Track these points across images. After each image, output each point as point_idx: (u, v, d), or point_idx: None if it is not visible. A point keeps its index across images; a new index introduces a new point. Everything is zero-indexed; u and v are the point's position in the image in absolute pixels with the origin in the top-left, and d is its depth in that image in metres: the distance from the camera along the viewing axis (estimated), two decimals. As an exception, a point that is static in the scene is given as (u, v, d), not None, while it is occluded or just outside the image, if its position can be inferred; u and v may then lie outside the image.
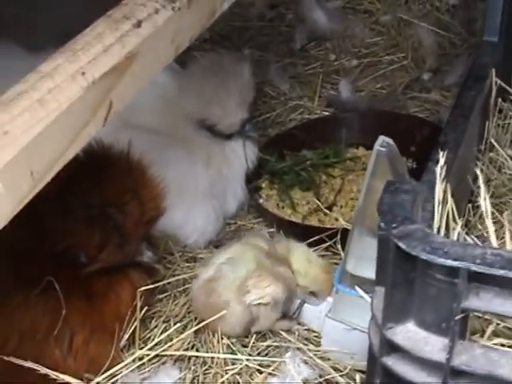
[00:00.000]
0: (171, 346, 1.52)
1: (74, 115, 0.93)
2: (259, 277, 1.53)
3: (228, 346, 1.54)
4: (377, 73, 2.42)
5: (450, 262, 0.92)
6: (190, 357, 1.52)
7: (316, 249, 1.70)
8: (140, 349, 1.50)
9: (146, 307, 1.52)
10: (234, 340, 1.55)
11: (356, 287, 1.33)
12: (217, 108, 1.86)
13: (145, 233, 1.48)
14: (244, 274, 1.54)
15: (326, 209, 1.91)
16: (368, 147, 2.01)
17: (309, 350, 1.51)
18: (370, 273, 1.06)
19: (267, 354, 1.53)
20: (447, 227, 1.21)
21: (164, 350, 1.51)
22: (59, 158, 0.91)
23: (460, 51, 2.42)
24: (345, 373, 1.46)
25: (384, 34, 2.58)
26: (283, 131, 2.18)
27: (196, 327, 1.54)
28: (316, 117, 2.26)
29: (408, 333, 1.00)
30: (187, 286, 1.67)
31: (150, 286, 1.51)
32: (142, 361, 1.49)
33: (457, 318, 0.94)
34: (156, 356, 1.51)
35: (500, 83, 1.85)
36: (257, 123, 2.13)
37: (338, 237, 1.71)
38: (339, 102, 2.29)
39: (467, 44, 2.44)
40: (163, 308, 1.65)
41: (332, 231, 1.73)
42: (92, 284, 1.45)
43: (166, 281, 1.67)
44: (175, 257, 1.78)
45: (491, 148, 1.81)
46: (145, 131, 1.81)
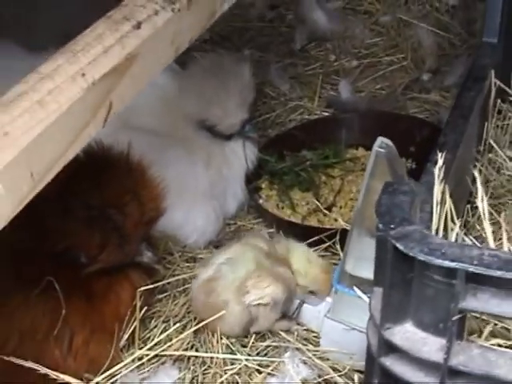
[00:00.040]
0: (171, 346, 1.52)
1: (74, 116, 0.93)
2: (259, 277, 1.53)
3: (227, 346, 1.54)
4: (376, 73, 2.42)
5: (448, 263, 0.92)
6: (190, 357, 1.52)
7: (315, 249, 1.70)
8: (139, 349, 1.51)
9: (146, 307, 1.52)
10: (234, 340, 1.55)
11: (354, 287, 1.34)
12: (217, 109, 1.85)
13: (145, 233, 1.48)
14: (243, 275, 1.54)
15: (326, 209, 1.91)
16: (368, 148, 2.00)
17: (308, 350, 1.51)
18: (369, 273, 1.07)
19: (266, 354, 1.53)
20: (445, 228, 1.21)
21: (163, 350, 1.51)
22: (59, 159, 0.91)
23: (460, 52, 2.42)
24: (343, 373, 1.46)
25: (384, 35, 2.58)
26: (283, 132, 2.18)
27: (195, 327, 1.54)
28: (316, 117, 2.26)
29: (406, 333, 1.00)
30: (187, 286, 1.67)
31: (150, 286, 1.51)
32: (142, 361, 1.49)
33: (454, 319, 0.94)
34: (155, 356, 1.51)
35: (499, 84, 1.86)
36: (257, 124, 2.13)
37: (337, 237, 1.71)
38: (339, 103, 2.29)
39: (467, 45, 2.44)
40: (163, 308, 1.65)
41: (331, 232, 1.73)
42: (92, 284, 1.45)
43: (166, 281, 1.67)
44: (175, 257, 1.78)
45: (490, 149, 1.81)
46: (145, 132, 1.81)
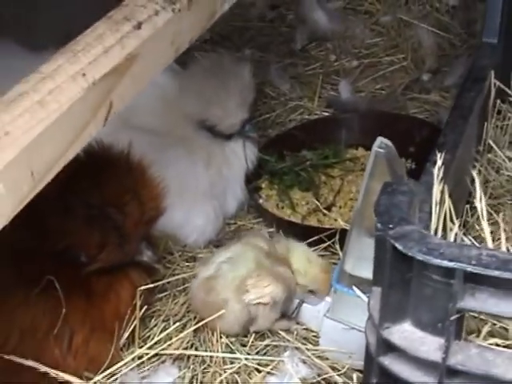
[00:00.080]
0: (170, 345, 1.52)
1: (75, 116, 0.93)
2: (259, 276, 1.53)
3: (227, 345, 1.54)
4: (377, 73, 2.42)
5: (446, 263, 0.93)
6: (189, 355, 1.52)
7: (315, 249, 1.70)
8: (139, 347, 1.51)
9: (146, 306, 1.53)
10: (233, 339, 1.56)
11: (353, 287, 1.34)
12: (217, 108, 1.85)
13: (145, 232, 1.48)
14: (244, 274, 1.54)
15: (325, 209, 1.91)
16: (367, 148, 2.00)
17: (307, 350, 1.51)
18: (368, 273, 1.07)
19: (266, 353, 1.54)
20: (444, 228, 1.22)
21: (163, 349, 1.51)
22: (59, 159, 0.92)
23: (460, 52, 2.42)
24: (342, 372, 1.46)
25: (384, 35, 2.58)
26: (283, 132, 2.18)
27: (195, 326, 1.55)
28: (316, 117, 2.26)
29: (404, 332, 1.00)
30: (187, 286, 1.67)
31: (150, 286, 1.51)
32: (142, 359, 1.49)
33: (452, 318, 0.95)
34: (155, 355, 1.51)
35: (499, 85, 1.86)
36: (257, 124, 2.13)
37: (337, 237, 1.71)
38: (339, 103, 2.29)
39: (467, 45, 2.44)
40: (163, 307, 1.65)
41: (331, 231, 1.73)
42: (92, 283, 1.45)
43: (166, 280, 1.68)
44: (175, 256, 1.79)
45: (490, 149, 1.81)
46: (145, 132, 1.81)
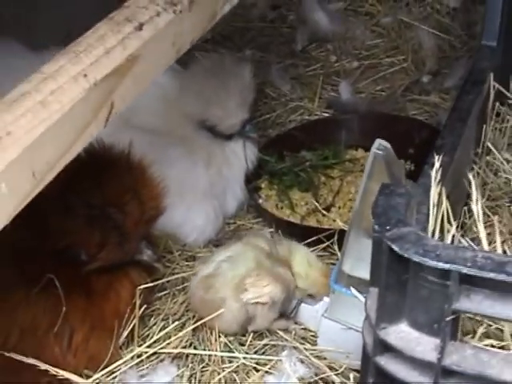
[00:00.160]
0: (169, 344, 1.53)
1: (76, 116, 0.94)
2: (258, 276, 1.53)
3: (225, 344, 1.55)
4: (377, 75, 2.43)
5: (442, 265, 0.93)
6: (188, 354, 1.53)
7: (314, 249, 1.71)
8: (139, 346, 1.52)
9: (145, 305, 1.53)
10: (232, 338, 1.56)
11: (351, 287, 1.35)
12: (217, 108, 1.86)
13: (145, 232, 1.49)
14: (243, 273, 1.54)
15: (324, 210, 1.91)
16: (367, 149, 1.99)
17: (305, 349, 1.52)
18: (367, 273, 1.08)
19: (264, 353, 1.54)
20: (442, 230, 1.22)
21: (162, 348, 1.52)
22: (61, 159, 0.92)
23: (460, 54, 2.42)
24: (340, 372, 1.47)
25: (384, 37, 2.59)
26: (283, 132, 2.19)
27: (194, 325, 1.56)
28: (316, 118, 2.26)
29: (400, 333, 1.01)
30: (186, 285, 1.68)
31: (150, 285, 1.52)
32: (141, 358, 1.50)
33: (448, 319, 0.96)
34: (154, 353, 1.52)
35: (498, 87, 1.86)
36: (257, 124, 2.14)
37: (336, 237, 1.72)
38: (339, 104, 2.29)
39: (467, 47, 2.45)
40: (162, 306, 1.66)
41: (330, 232, 1.74)
42: (92, 282, 1.46)
43: (166, 279, 1.68)
44: (174, 255, 1.79)
45: (488, 151, 1.82)
46: (145, 131, 1.82)
